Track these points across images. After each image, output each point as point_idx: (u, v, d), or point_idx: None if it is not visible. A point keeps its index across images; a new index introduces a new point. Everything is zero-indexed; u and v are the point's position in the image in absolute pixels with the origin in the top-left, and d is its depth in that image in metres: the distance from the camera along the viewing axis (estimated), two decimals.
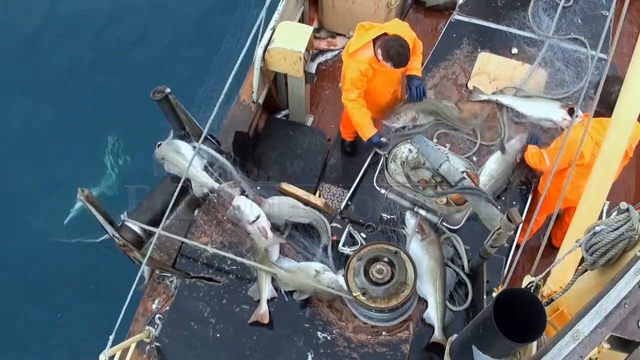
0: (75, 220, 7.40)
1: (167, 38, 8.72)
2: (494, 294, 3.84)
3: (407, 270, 4.32)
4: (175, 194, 4.34)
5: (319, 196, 6.13)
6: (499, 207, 4.19)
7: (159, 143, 5.22)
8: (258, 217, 4.80)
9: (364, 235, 5.05)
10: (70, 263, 7.14)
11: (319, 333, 4.63)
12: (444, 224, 4.88)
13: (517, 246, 5.10)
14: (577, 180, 4.40)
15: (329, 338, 4.62)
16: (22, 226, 7.41)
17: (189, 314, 4.80)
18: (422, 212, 4.74)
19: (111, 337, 3.97)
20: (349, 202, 5.63)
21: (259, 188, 5.16)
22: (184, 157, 5.04)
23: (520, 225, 5.16)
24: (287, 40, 5.93)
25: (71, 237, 7.29)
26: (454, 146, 5.62)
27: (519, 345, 2.71)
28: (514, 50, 6.28)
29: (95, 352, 4.01)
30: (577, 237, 2.85)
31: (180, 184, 4.42)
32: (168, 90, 4.89)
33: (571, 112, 5.50)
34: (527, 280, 3.27)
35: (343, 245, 4.90)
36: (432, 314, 4.58)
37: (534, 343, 2.92)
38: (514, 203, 5.43)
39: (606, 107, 4.47)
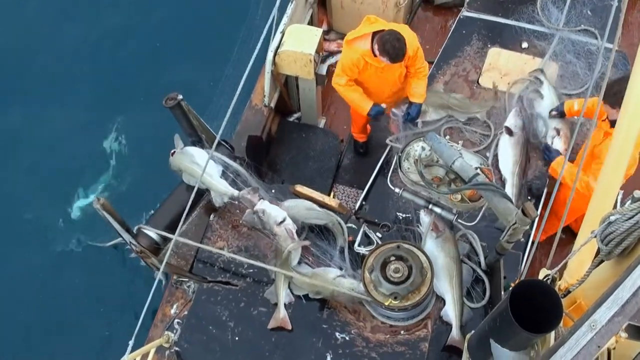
0: (85, 224, 7.44)
1: (177, 44, 8.75)
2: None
3: (422, 267, 4.32)
4: (191, 199, 4.35)
5: (334, 197, 6.14)
6: (513, 202, 4.17)
7: (173, 151, 5.22)
8: (284, 219, 4.81)
9: (379, 235, 5.05)
10: (88, 270, 7.17)
11: (337, 333, 4.64)
12: (460, 220, 4.87)
13: (533, 242, 5.08)
14: None
15: (347, 338, 4.61)
16: (31, 232, 7.46)
17: (207, 318, 4.82)
18: (437, 210, 4.73)
19: (131, 343, 3.97)
20: (364, 202, 5.64)
21: (273, 191, 5.17)
22: (201, 167, 5.03)
23: (536, 220, 5.16)
24: (297, 43, 5.96)
25: (84, 241, 7.34)
26: (467, 142, 5.62)
27: (536, 336, 2.70)
28: (524, 45, 6.27)
29: (115, 357, 4.03)
30: (592, 228, 2.84)
31: (194, 190, 4.43)
32: (180, 97, 4.92)
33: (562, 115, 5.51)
34: (543, 273, 3.26)
35: (359, 246, 4.90)
36: (450, 312, 4.57)
37: (552, 335, 2.91)
38: (529, 197, 5.41)
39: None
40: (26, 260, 7.26)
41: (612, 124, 4.68)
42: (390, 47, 5.06)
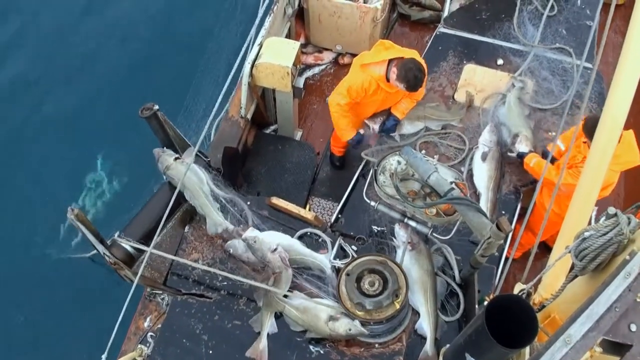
0: (65, 235, 7.36)
1: (155, 53, 8.73)
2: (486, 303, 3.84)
3: (398, 281, 4.33)
4: (167, 212, 4.31)
5: (309, 210, 6.14)
6: (488, 216, 4.21)
7: (177, 157, 5.10)
8: (277, 247, 4.76)
9: (354, 247, 5.06)
10: (59, 279, 7.09)
11: (311, 347, 4.61)
12: (434, 234, 4.90)
13: (507, 257, 5.12)
14: None
15: (322, 352, 4.59)
16: (11, 238, 7.38)
17: (181, 331, 4.76)
18: (412, 224, 4.75)
19: (104, 357, 3.94)
20: (339, 215, 5.65)
21: (249, 203, 5.14)
22: (206, 195, 4.98)
23: (510, 235, 5.21)
24: (274, 56, 5.98)
25: (60, 253, 7.24)
26: (442, 157, 5.67)
27: (511, 351, 2.71)
28: (500, 62, 6.35)
29: None
30: (567, 244, 2.87)
31: (171, 202, 4.38)
32: (156, 107, 4.88)
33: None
34: (518, 287, 3.28)
35: (334, 259, 4.90)
36: (425, 325, 4.58)
37: (527, 350, 2.93)
38: (503, 212, 5.46)
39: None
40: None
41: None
42: (412, 76, 5.16)
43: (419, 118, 5.86)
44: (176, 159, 5.02)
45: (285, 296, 4.67)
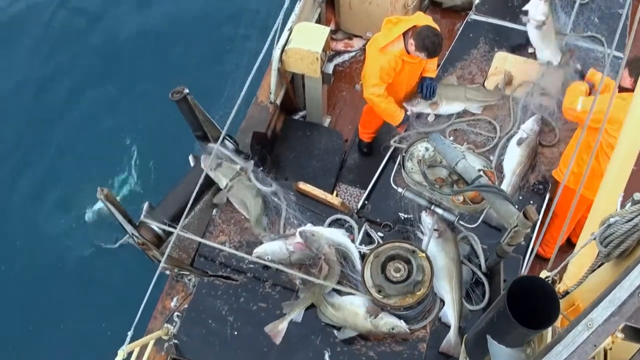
0: (93, 223, 7.50)
1: (186, 40, 8.82)
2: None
3: (424, 269, 4.34)
4: (194, 193, 4.35)
5: (336, 196, 6.15)
6: (516, 206, 4.18)
7: (243, 168, 5.18)
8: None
9: (381, 234, 5.07)
10: (88, 261, 7.25)
11: (335, 331, 4.64)
12: (461, 222, 4.88)
13: (534, 248, 5.08)
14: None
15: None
16: (40, 225, 7.55)
17: (207, 312, 4.83)
18: (439, 211, 4.74)
19: (129, 333, 3.99)
20: (366, 202, 5.65)
21: (274, 186, 5.19)
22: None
23: (538, 225, 5.17)
24: (304, 41, 5.98)
25: (90, 241, 7.40)
26: (471, 144, 5.64)
27: (532, 332, 2.70)
28: (531, 50, 6.26)
29: (113, 348, 4.05)
30: (593, 231, 2.85)
31: (198, 184, 4.42)
32: (187, 90, 4.94)
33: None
34: (543, 275, 3.26)
35: (360, 244, 4.92)
36: (449, 312, 4.57)
37: (549, 333, 2.92)
38: (531, 202, 5.42)
39: None
40: (29, 251, 7.35)
41: (620, 89, 4.69)
42: (429, 42, 5.17)
43: (457, 98, 5.85)
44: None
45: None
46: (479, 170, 4.31)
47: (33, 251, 7.35)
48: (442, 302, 4.64)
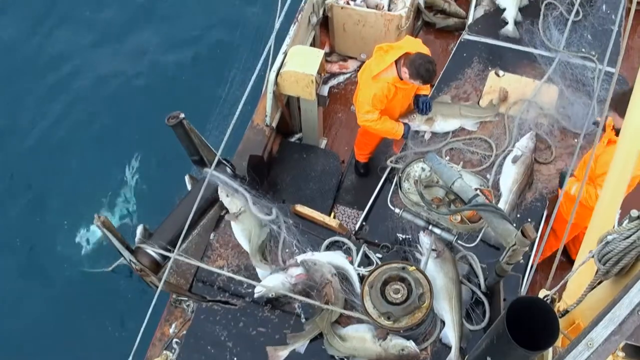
0: (90, 248, 7.48)
1: (181, 64, 8.85)
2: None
3: (420, 281, 4.32)
4: (190, 217, 4.33)
5: (334, 218, 6.14)
6: (514, 224, 4.17)
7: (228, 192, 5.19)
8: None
9: (379, 255, 5.05)
10: (85, 287, 7.18)
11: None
12: (459, 242, 4.87)
13: (532, 265, 5.06)
14: None
15: (347, 358, 4.58)
16: (35, 251, 7.52)
17: (205, 338, 4.79)
18: (437, 231, 4.73)
19: None
20: (364, 223, 5.64)
21: (273, 210, 5.17)
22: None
23: (536, 242, 5.16)
24: (299, 64, 6.00)
25: (86, 266, 7.36)
26: (467, 163, 5.64)
27: (532, 353, 2.68)
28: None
29: None
30: (591, 249, 2.84)
31: (193, 210, 4.39)
32: (182, 115, 4.94)
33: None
34: (542, 294, 3.24)
35: (358, 266, 4.90)
36: (450, 333, 4.54)
37: (550, 354, 2.90)
38: (529, 220, 5.41)
39: None
40: (27, 275, 7.30)
41: (617, 132, 4.68)
42: (424, 70, 5.18)
43: (453, 115, 5.87)
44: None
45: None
46: (476, 189, 4.31)
47: (28, 277, 7.32)
48: (443, 322, 4.61)
